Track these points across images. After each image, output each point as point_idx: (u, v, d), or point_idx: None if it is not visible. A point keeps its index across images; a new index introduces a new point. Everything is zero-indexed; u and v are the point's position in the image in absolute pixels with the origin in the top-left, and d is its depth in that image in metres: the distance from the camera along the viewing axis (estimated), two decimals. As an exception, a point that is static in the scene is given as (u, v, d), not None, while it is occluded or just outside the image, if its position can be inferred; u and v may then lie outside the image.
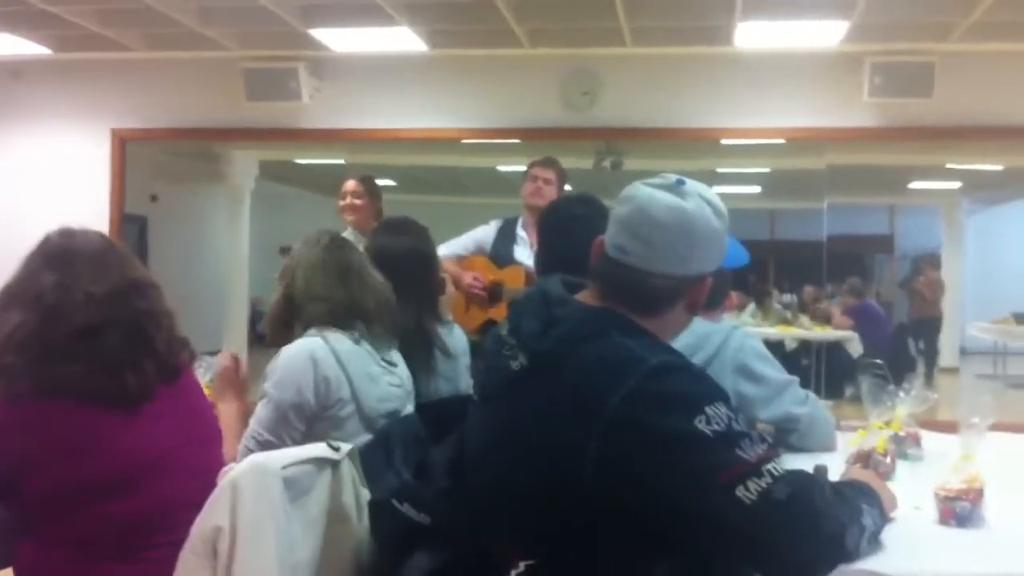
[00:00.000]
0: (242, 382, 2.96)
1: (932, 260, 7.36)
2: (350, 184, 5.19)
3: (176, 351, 2.37)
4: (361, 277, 2.91)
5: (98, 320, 2.21)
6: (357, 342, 2.81)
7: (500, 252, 5.05)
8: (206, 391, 2.71)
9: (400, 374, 2.93)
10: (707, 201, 1.86)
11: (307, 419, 2.72)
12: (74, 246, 2.31)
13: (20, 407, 2.15)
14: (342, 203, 5.16)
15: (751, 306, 7.36)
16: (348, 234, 4.88)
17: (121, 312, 2.25)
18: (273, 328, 2.93)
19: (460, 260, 5.07)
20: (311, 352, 2.74)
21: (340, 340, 2.78)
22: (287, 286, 2.90)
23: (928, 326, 7.20)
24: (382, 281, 2.96)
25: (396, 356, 2.95)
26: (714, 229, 1.86)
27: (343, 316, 2.83)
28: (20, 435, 2.15)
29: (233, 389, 2.92)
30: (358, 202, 5.14)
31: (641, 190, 1.87)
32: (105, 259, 2.30)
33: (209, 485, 2.05)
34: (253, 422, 2.76)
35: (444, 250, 4.73)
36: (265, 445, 2.68)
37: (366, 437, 2.60)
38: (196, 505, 2.05)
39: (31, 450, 2.15)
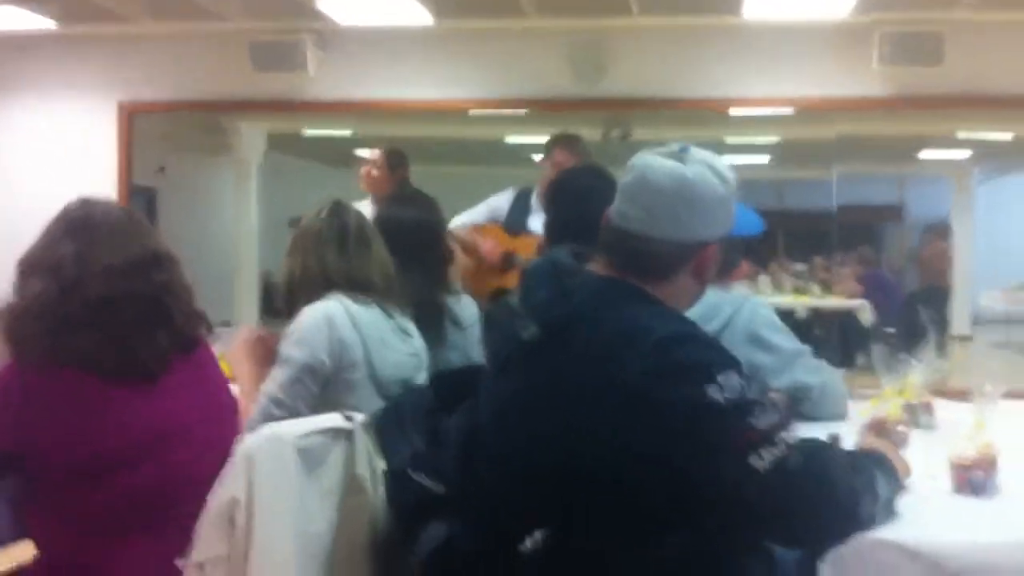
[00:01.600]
0: (266, 349, 2.98)
1: (939, 230, 7.32)
2: (373, 154, 5.23)
3: (194, 324, 2.37)
4: (361, 244, 2.90)
5: (116, 292, 2.21)
6: (370, 307, 2.81)
7: (514, 221, 5.04)
8: (220, 363, 2.72)
9: (415, 344, 2.93)
10: (710, 167, 1.86)
11: (321, 381, 2.73)
12: (94, 216, 2.30)
13: (32, 376, 2.15)
14: (362, 171, 5.21)
15: (763, 276, 7.34)
16: (366, 204, 4.89)
17: (139, 284, 2.25)
18: (285, 303, 2.94)
19: (476, 229, 5.06)
20: (327, 313, 2.75)
21: (356, 306, 2.78)
22: (291, 259, 2.90)
23: (936, 296, 7.17)
24: (384, 251, 2.96)
25: (411, 327, 2.96)
26: (717, 194, 1.86)
27: (344, 286, 2.82)
28: (31, 404, 2.15)
29: (254, 356, 2.95)
30: (375, 172, 5.18)
31: (644, 158, 1.89)
32: (124, 230, 2.30)
33: (224, 458, 2.05)
34: (269, 382, 2.75)
35: (463, 218, 4.74)
36: (278, 405, 2.68)
37: (378, 403, 2.60)
38: (211, 479, 2.06)
39: (42, 419, 2.15)
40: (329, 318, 2.74)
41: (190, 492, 2.16)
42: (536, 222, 4.92)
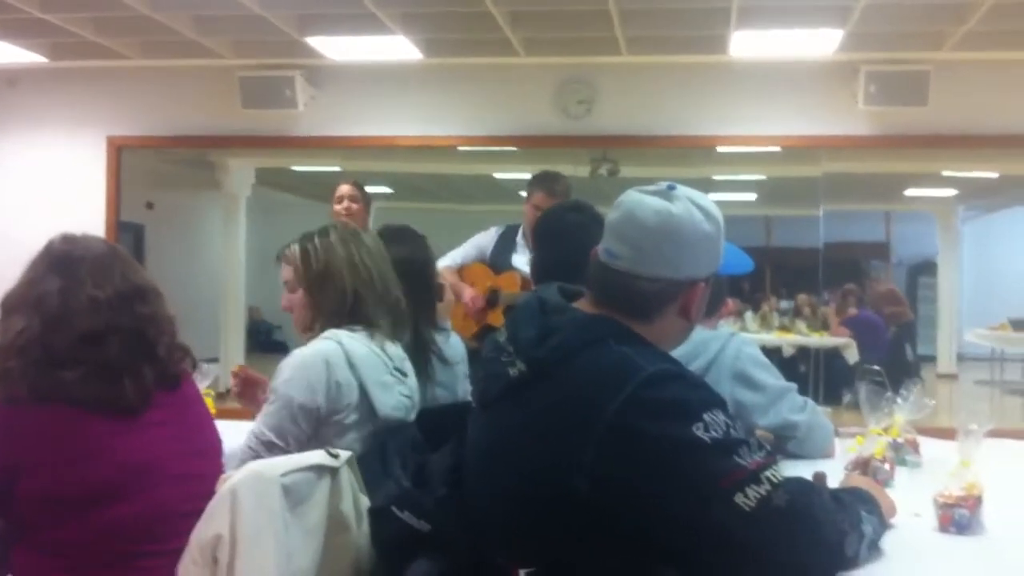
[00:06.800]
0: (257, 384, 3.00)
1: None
2: (345, 188, 5.18)
3: (177, 359, 2.36)
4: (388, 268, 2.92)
5: (101, 325, 2.20)
6: (371, 344, 2.79)
7: (498, 259, 5.04)
8: (206, 399, 2.70)
9: (410, 385, 2.88)
10: (697, 205, 1.86)
11: (314, 422, 2.70)
12: (77, 251, 2.30)
13: (15, 411, 2.15)
14: (338, 207, 5.15)
15: (749, 313, 7.36)
16: None
17: (124, 318, 2.24)
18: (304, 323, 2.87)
19: (460, 269, 5.05)
20: (325, 356, 2.69)
21: (355, 346, 2.75)
22: (317, 275, 2.82)
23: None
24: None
25: (408, 367, 2.91)
26: (704, 233, 1.86)
27: (377, 313, 2.81)
28: (14, 439, 2.14)
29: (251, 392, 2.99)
30: (354, 206, 5.14)
31: (631, 196, 1.89)
32: (108, 264, 2.30)
33: (208, 494, 2.04)
34: (258, 421, 2.72)
35: (445, 261, 4.71)
36: (268, 445, 2.65)
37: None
38: (194, 514, 2.04)
39: (25, 454, 2.14)
40: (327, 360, 2.69)
41: (172, 528, 2.15)
42: (520, 259, 4.92)
